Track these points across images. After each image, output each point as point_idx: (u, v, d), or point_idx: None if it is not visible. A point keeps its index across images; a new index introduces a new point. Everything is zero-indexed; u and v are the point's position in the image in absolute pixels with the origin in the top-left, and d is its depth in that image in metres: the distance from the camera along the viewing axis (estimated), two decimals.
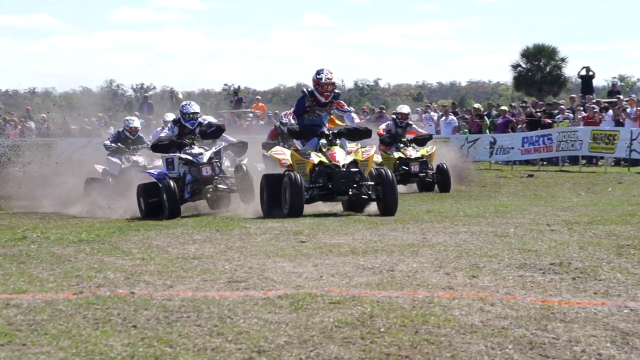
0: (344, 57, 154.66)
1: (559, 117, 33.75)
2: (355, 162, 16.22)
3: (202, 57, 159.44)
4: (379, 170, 16.19)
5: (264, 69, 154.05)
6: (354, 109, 17.73)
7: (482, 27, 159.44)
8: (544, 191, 24.21)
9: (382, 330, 6.96)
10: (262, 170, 21.61)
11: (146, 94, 57.02)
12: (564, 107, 35.12)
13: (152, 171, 20.47)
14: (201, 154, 19.27)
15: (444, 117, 37.51)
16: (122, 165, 23.49)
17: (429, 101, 60.44)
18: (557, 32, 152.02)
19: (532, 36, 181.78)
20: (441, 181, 25.03)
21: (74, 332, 7.00)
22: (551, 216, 15.09)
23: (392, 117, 27.16)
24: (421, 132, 26.53)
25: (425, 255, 10.47)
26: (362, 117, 32.04)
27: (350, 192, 16.01)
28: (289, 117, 16.81)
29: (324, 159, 16.14)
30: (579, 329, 7.04)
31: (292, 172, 15.87)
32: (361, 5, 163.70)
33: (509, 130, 34.96)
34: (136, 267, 10.02)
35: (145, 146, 23.78)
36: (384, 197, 15.74)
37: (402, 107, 26.81)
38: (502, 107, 37.88)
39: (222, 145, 19.98)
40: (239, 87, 56.70)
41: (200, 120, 19.62)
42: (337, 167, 16.03)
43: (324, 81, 16.50)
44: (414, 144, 25.45)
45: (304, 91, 16.82)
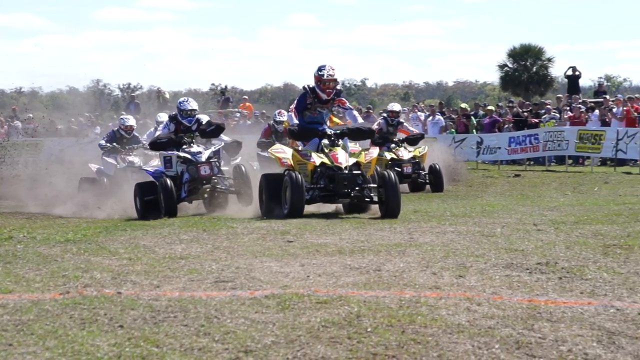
0: (331, 57, 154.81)
1: (545, 117, 33.81)
2: (357, 164, 15.90)
3: (189, 57, 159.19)
4: (382, 172, 15.85)
5: (251, 69, 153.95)
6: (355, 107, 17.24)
7: (469, 27, 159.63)
8: (531, 191, 24.25)
9: (369, 330, 6.96)
10: (257, 169, 21.54)
11: (133, 94, 56.83)
12: (550, 107, 35.19)
13: (149, 169, 20.09)
14: (200, 152, 18.90)
15: (431, 117, 37.53)
16: (118, 165, 23.16)
17: (416, 101, 60.44)
18: (543, 32, 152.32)
19: (518, 36, 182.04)
20: (434, 182, 24.88)
21: (61, 332, 6.98)
22: (538, 216, 15.13)
23: (383, 115, 27.05)
24: (413, 130, 26.33)
25: (412, 255, 10.48)
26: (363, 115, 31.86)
27: (352, 195, 15.69)
28: (291, 114, 16.20)
29: (326, 160, 15.81)
30: (565, 328, 7.06)
31: (292, 172, 15.53)
32: (348, 5, 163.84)
33: (496, 130, 35.01)
34: (123, 267, 10.00)
35: (140, 146, 23.51)
36: (387, 199, 15.33)
37: (393, 105, 26.71)
38: (489, 107, 37.93)
39: (221, 144, 19.68)
40: (226, 87, 56.52)
41: (197, 117, 19.23)
42: (339, 169, 15.70)
43: (325, 77, 16.18)
44: (405, 143, 25.25)
45: (306, 88, 16.43)
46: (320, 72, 16.21)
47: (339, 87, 16.49)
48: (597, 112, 32.83)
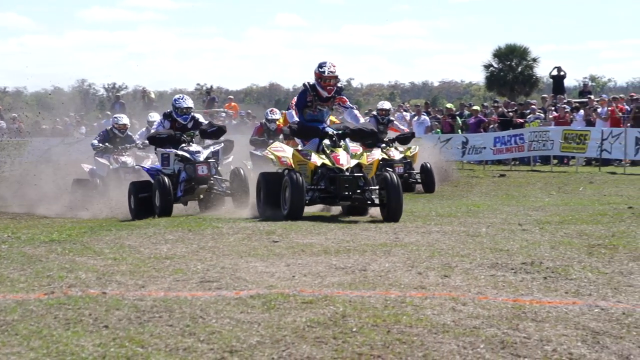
0: (317, 57, 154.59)
1: (530, 117, 33.88)
2: (359, 166, 15.41)
3: (174, 57, 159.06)
4: (384, 174, 15.30)
5: (237, 69, 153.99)
6: (356, 106, 16.61)
7: (454, 27, 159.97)
8: (516, 191, 24.29)
9: (354, 329, 6.96)
10: (251, 168, 21.38)
11: (118, 94, 56.75)
12: (535, 107, 35.27)
13: (144, 165, 19.82)
14: (199, 152, 18.61)
15: (416, 117, 37.56)
16: (110, 166, 22.82)
17: (402, 101, 60.49)
18: (528, 33, 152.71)
19: (504, 36, 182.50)
20: (426, 181, 24.74)
21: (45, 333, 6.96)
22: (523, 216, 15.16)
23: (373, 113, 26.97)
24: (403, 128, 26.18)
25: (397, 254, 10.49)
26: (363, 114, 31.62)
27: (353, 198, 15.23)
28: (291, 111, 15.74)
29: (327, 161, 15.31)
30: (550, 328, 7.07)
31: (293, 172, 15.06)
32: (334, 5, 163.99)
33: (481, 130, 35.07)
34: (108, 267, 9.98)
35: (134, 146, 23.22)
36: (389, 202, 14.80)
37: (384, 103, 26.62)
38: (474, 107, 38.00)
39: (221, 145, 19.31)
40: (212, 87, 56.47)
41: (193, 115, 18.94)
42: (340, 171, 15.20)
43: (326, 74, 15.64)
44: (397, 143, 25.02)
45: (306, 85, 15.89)
46: (320, 69, 15.71)
47: (340, 85, 16.05)
48: (582, 112, 32.92)
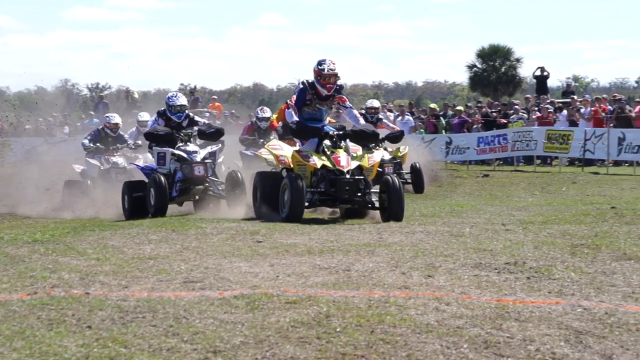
0: (301, 57, 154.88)
1: (513, 117, 33.96)
2: (359, 168, 14.99)
3: (158, 57, 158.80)
4: (385, 177, 15.03)
5: (220, 69, 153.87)
6: (378, 105, 15.95)
7: (438, 27, 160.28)
8: (499, 191, 24.35)
9: (338, 330, 6.97)
10: (241, 167, 21.21)
11: (101, 94, 56.67)
12: (518, 107, 35.35)
13: (139, 164, 19.50)
14: (196, 152, 18.30)
15: (400, 117, 37.59)
16: (101, 166, 22.52)
17: (386, 101, 60.54)
18: (512, 33, 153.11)
19: (487, 37, 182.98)
20: (415, 181, 24.60)
21: (28, 333, 6.94)
22: (506, 216, 15.19)
23: (362, 112, 26.89)
24: (393, 126, 25.98)
25: (381, 254, 10.49)
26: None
27: (353, 201, 14.91)
28: (290, 110, 15.26)
29: (328, 163, 14.84)
30: (533, 328, 7.09)
31: (293, 173, 14.73)
32: (317, 5, 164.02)
33: (465, 130, 35.14)
34: (91, 267, 9.96)
35: (126, 146, 23.00)
36: (390, 206, 14.56)
37: (372, 102, 26.49)
38: (458, 107, 38.07)
39: (218, 145, 19.07)
40: (195, 87, 56.44)
41: (187, 113, 18.66)
42: (341, 173, 14.76)
43: (326, 72, 15.15)
44: (387, 142, 24.80)
45: (304, 83, 15.40)
46: (320, 67, 15.24)
47: (339, 83, 15.55)
48: (565, 112, 33.01)
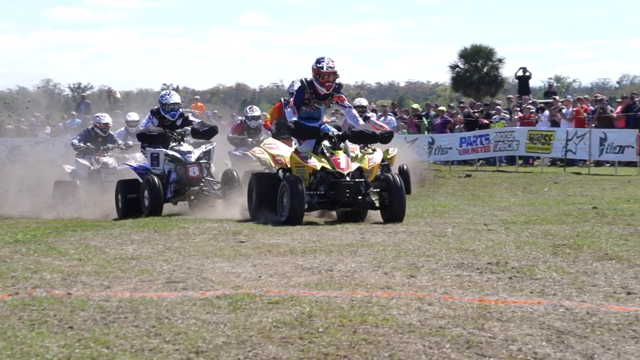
0: (283, 57, 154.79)
1: (495, 117, 34.03)
2: (359, 170, 14.69)
3: (140, 57, 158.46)
4: (386, 175, 14.81)
5: (203, 69, 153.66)
6: (366, 104, 15.46)
7: (420, 27, 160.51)
8: (482, 191, 24.38)
9: (320, 330, 6.97)
10: (229, 168, 21.00)
11: (83, 94, 56.43)
12: (500, 107, 35.42)
13: (132, 164, 19.19)
14: (190, 152, 18.08)
15: (383, 117, 37.61)
16: (91, 167, 22.20)
17: (368, 101, 60.61)
18: (494, 33, 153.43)
19: (469, 37, 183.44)
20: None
21: (9, 334, 6.92)
22: (488, 216, 15.22)
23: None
24: (382, 124, 25.73)
25: (363, 255, 10.50)
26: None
27: (354, 204, 14.53)
28: (289, 110, 15.00)
29: (327, 165, 14.49)
30: (515, 327, 7.11)
31: (293, 176, 14.42)
32: (299, 5, 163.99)
33: (447, 130, 35.18)
34: (73, 267, 9.93)
35: (116, 146, 22.79)
36: (391, 205, 14.28)
37: (361, 100, 26.21)
38: (440, 108, 38.12)
39: (213, 144, 18.81)
40: (178, 87, 56.48)
41: (181, 112, 18.47)
42: (341, 176, 14.42)
43: (325, 70, 14.74)
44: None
45: (303, 81, 15.03)
46: (319, 65, 14.82)
47: (338, 81, 15.11)
48: (547, 112, 33.11)
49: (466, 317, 7.38)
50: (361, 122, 15.45)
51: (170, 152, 17.96)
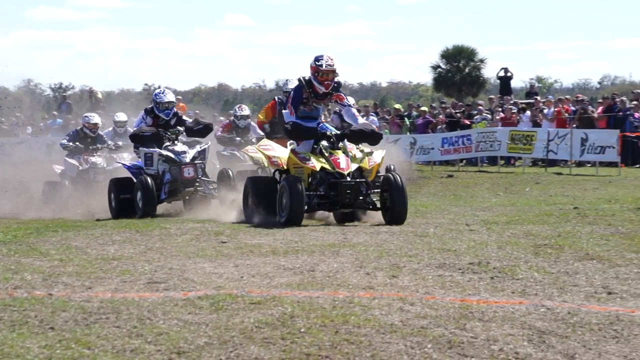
0: (265, 57, 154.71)
1: (477, 117, 34.11)
2: (359, 170, 14.35)
3: (122, 57, 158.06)
4: (387, 175, 14.45)
5: (185, 69, 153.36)
6: (353, 102, 15.10)
7: (403, 28, 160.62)
8: (464, 191, 24.42)
9: (302, 330, 6.97)
10: (218, 168, 20.82)
11: (65, 94, 56.32)
12: (482, 107, 35.50)
13: (126, 163, 18.85)
14: (184, 152, 17.77)
15: (365, 118, 37.61)
16: (80, 167, 22.01)
17: None
18: (476, 34, 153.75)
19: (451, 37, 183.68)
20: None
21: None
22: (470, 216, 15.25)
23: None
24: (367, 124, 25.49)
25: (345, 255, 10.50)
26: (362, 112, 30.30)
27: (355, 204, 14.25)
28: (287, 110, 14.63)
29: (327, 166, 14.16)
30: (496, 327, 7.12)
31: (292, 176, 14.11)
32: (282, 5, 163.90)
33: (429, 130, 35.24)
34: (54, 268, 9.90)
35: (106, 146, 22.62)
36: (393, 205, 13.97)
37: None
38: (422, 108, 38.19)
39: (208, 143, 18.65)
40: (159, 87, 56.27)
41: (175, 111, 18.16)
42: (341, 176, 14.08)
43: (324, 68, 14.43)
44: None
45: (301, 80, 14.67)
46: (318, 63, 14.49)
47: (338, 79, 14.89)
48: (528, 113, 33.22)
49: (448, 317, 7.39)
50: (361, 120, 15.19)
51: (164, 152, 17.67)
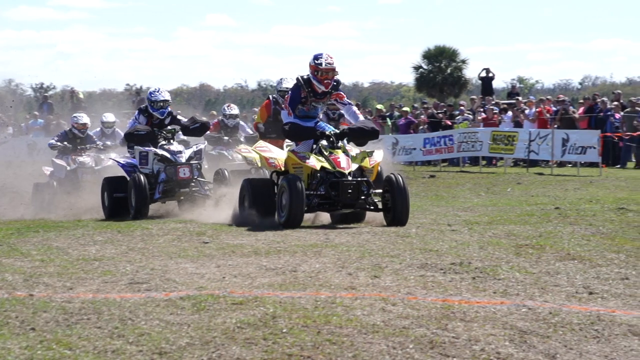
0: (247, 57, 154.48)
1: (459, 118, 34.17)
2: (360, 169, 14.11)
3: (103, 57, 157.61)
4: (389, 175, 14.19)
5: (167, 69, 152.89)
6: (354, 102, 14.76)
7: (385, 28, 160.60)
8: (445, 191, 24.43)
9: (284, 330, 6.97)
10: (206, 167, 20.67)
11: (46, 94, 56.12)
12: (464, 108, 35.56)
13: (120, 160, 18.24)
14: (180, 152, 17.33)
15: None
16: (68, 167, 21.62)
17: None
18: (457, 34, 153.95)
19: (433, 38, 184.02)
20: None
21: None
22: (452, 216, 15.26)
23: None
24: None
25: (328, 255, 10.50)
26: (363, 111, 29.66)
27: (356, 204, 14.01)
28: (284, 111, 14.43)
29: (327, 165, 13.87)
30: (478, 328, 7.14)
31: (291, 175, 13.85)
32: (264, 5, 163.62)
33: (411, 131, 35.28)
34: (35, 268, 9.87)
35: (94, 146, 22.45)
36: (394, 206, 13.73)
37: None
38: (404, 108, 38.20)
39: (204, 143, 18.38)
40: (141, 87, 56.21)
41: (170, 110, 17.79)
42: (342, 175, 13.81)
43: (324, 67, 14.09)
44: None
45: (299, 79, 14.34)
46: (317, 61, 14.16)
47: (337, 78, 14.45)
48: (510, 113, 33.28)
49: (430, 318, 7.40)
50: (361, 118, 14.94)
51: (159, 152, 17.31)
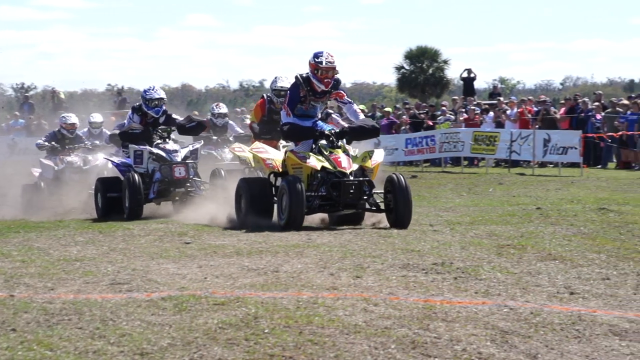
0: (229, 58, 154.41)
1: (440, 118, 34.22)
2: (361, 169, 13.85)
3: (84, 57, 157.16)
4: (391, 175, 13.83)
5: (148, 69, 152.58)
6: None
7: (367, 28, 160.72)
8: (427, 192, 24.45)
9: (266, 331, 6.96)
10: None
11: (27, 94, 55.91)
12: (446, 108, 35.63)
13: (115, 160, 18.12)
14: (176, 151, 17.09)
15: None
16: (56, 167, 21.49)
17: None
18: (439, 35, 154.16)
19: (415, 38, 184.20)
20: None
21: None
22: (434, 216, 15.28)
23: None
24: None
25: (309, 255, 10.50)
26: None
27: (358, 205, 13.76)
28: (283, 111, 14.08)
29: (327, 165, 13.63)
30: (460, 328, 7.15)
31: (291, 176, 13.62)
32: (245, 5, 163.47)
33: (393, 131, 35.31)
34: (16, 269, 9.84)
35: (83, 146, 22.28)
36: (397, 207, 13.46)
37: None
38: (386, 109, 38.25)
39: (201, 142, 18.19)
40: (123, 87, 56.14)
41: (165, 109, 17.48)
42: (343, 175, 13.58)
43: (324, 65, 13.84)
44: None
45: (298, 78, 14.05)
46: (317, 59, 13.88)
47: (337, 76, 14.21)
48: (491, 113, 33.37)
49: (411, 318, 7.41)
50: (362, 117, 14.69)
51: (155, 151, 17.08)
